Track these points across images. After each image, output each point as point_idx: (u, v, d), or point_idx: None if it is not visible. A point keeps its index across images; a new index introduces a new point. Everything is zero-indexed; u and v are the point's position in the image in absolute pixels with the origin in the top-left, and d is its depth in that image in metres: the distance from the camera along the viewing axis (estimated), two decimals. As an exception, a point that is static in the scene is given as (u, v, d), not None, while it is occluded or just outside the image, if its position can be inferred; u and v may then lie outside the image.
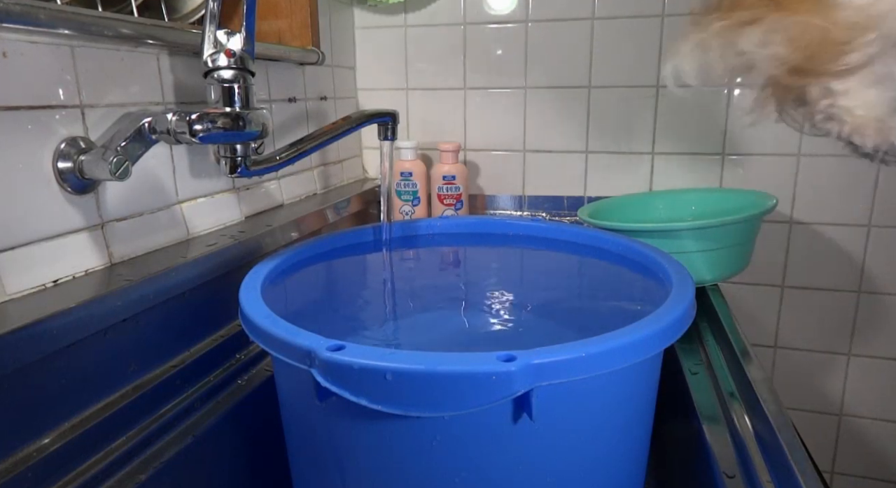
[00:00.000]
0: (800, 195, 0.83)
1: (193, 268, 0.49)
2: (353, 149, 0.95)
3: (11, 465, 0.35)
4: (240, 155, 0.44)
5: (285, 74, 0.73)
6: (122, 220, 0.48)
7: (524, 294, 0.41)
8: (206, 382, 0.50)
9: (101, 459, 0.40)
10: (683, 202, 0.84)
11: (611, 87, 0.86)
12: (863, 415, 0.88)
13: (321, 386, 0.28)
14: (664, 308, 0.34)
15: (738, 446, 0.43)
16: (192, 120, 0.41)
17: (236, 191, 0.63)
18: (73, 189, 0.43)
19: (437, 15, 0.89)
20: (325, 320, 0.37)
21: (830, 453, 0.91)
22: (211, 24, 0.41)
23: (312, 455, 0.36)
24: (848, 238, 0.83)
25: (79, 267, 0.44)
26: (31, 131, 0.40)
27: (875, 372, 0.86)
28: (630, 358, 0.30)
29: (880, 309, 0.84)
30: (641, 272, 0.44)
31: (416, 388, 0.27)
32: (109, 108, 0.46)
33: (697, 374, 0.55)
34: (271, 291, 0.40)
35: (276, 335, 0.31)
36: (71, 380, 0.39)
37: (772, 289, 0.87)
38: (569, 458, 0.32)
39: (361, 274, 0.44)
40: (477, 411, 0.28)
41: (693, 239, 0.67)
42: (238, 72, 0.42)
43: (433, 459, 0.30)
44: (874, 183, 0.80)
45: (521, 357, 0.27)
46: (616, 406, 0.33)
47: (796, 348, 0.89)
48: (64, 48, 0.43)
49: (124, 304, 0.42)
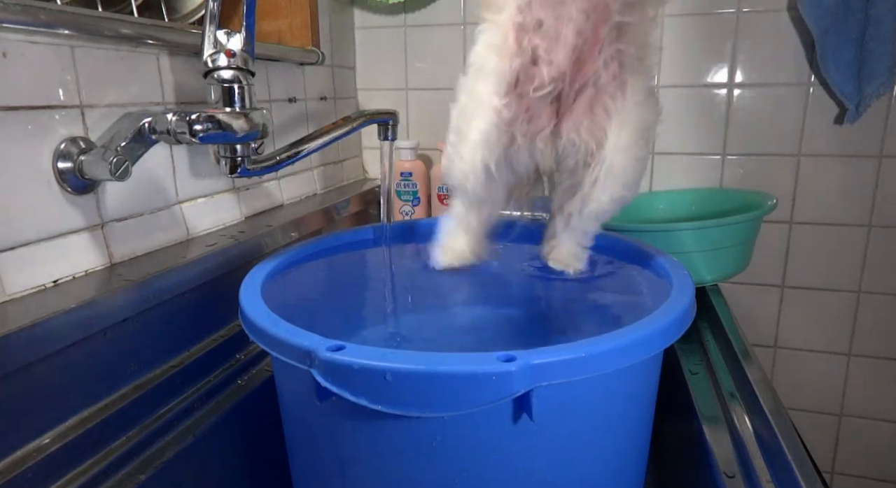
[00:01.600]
0: (800, 195, 0.83)
1: (193, 268, 0.49)
2: (353, 149, 0.95)
3: (11, 465, 0.35)
4: (240, 155, 0.44)
5: (285, 74, 0.73)
6: (122, 220, 0.48)
7: (524, 294, 0.41)
8: (206, 382, 0.50)
9: (101, 459, 0.40)
10: (683, 202, 0.84)
11: (611, 87, 0.86)
12: (863, 415, 0.88)
13: (321, 387, 0.28)
14: (664, 308, 0.34)
15: (738, 446, 0.43)
16: (192, 120, 0.41)
17: (236, 191, 0.63)
18: (73, 189, 0.43)
19: (437, 15, 0.89)
20: (325, 320, 0.37)
21: (830, 453, 0.91)
22: (211, 24, 0.41)
23: (312, 455, 0.36)
24: (848, 238, 0.83)
25: (79, 267, 0.44)
26: (31, 131, 0.40)
27: (875, 372, 0.86)
28: (630, 358, 0.30)
29: (880, 309, 0.84)
30: (641, 272, 0.44)
31: (416, 388, 0.27)
32: (109, 108, 0.46)
33: (697, 374, 0.55)
34: (271, 291, 0.40)
35: (276, 335, 0.31)
36: (71, 380, 0.39)
37: (772, 289, 0.87)
38: (569, 458, 0.32)
39: (361, 274, 0.44)
40: (477, 411, 0.28)
41: (693, 239, 0.67)
42: (238, 72, 0.42)
43: (433, 459, 0.30)
44: (874, 183, 0.80)
45: (521, 357, 0.27)
46: (616, 406, 0.33)
47: (796, 348, 0.89)
48: (64, 48, 0.43)
49: (124, 304, 0.42)
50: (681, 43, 0.82)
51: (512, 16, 0.37)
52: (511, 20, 0.37)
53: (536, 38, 0.37)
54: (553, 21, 0.36)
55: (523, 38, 0.37)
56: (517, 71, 0.37)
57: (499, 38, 0.37)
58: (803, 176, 0.82)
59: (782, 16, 0.78)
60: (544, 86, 0.37)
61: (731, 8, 0.80)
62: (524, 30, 0.37)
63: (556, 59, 0.37)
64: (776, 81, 0.80)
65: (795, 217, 0.84)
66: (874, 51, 0.73)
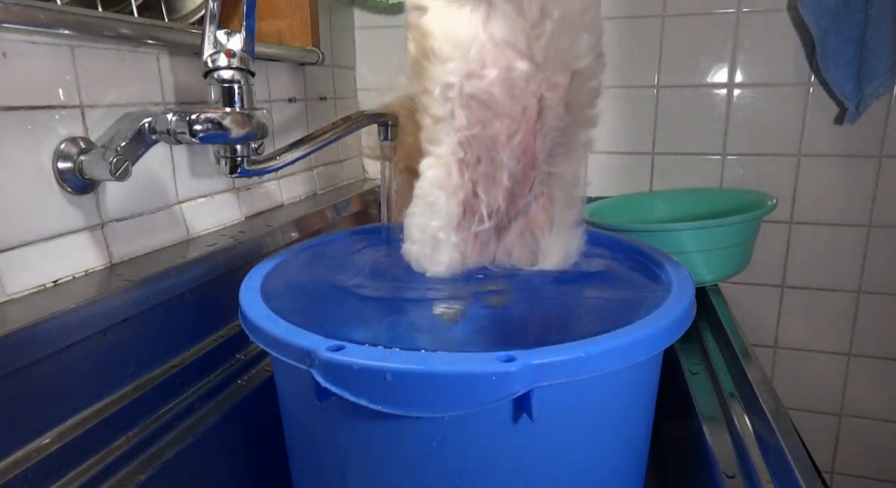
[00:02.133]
0: (800, 195, 0.83)
1: (193, 268, 0.49)
2: (353, 149, 0.95)
3: (11, 465, 0.35)
4: (240, 155, 0.44)
5: (285, 74, 0.73)
6: (122, 220, 0.48)
7: (524, 294, 0.41)
8: (206, 382, 0.50)
9: (101, 459, 0.40)
10: (683, 202, 0.84)
11: (611, 87, 0.86)
12: (863, 415, 0.88)
13: (321, 387, 0.28)
14: (664, 308, 0.34)
15: (738, 446, 0.43)
16: (192, 120, 0.41)
17: (236, 191, 0.63)
18: (73, 189, 0.43)
19: (437, 15, 0.89)
20: (324, 320, 0.37)
21: (830, 453, 0.91)
22: (211, 24, 0.41)
23: (312, 455, 0.36)
24: (848, 238, 0.83)
25: (79, 267, 0.44)
26: (31, 131, 0.40)
27: (875, 372, 0.86)
28: (630, 358, 0.30)
29: (880, 309, 0.84)
30: (641, 272, 0.44)
31: (417, 389, 0.27)
32: (109, 108, 0.46)
33: (697, 374, 0.55)
34: (271, 291, 0.40)
35: (276, 335, 0.31)
36: (71, 380, 0.39)
37: (772, 289, 0.87)
38: (569, 458, 0.32)
39: (361, 274, 0.44)
40: (477, 411, 0.28)
41: (693, 239, 0.67)
42: (238, 72, 0.42)
43: (433, 459, 0.30)
44: (874, 183, 0.80)
45: (521, 357, 0.27)
46: (616, 406, 0.33)
47: (796, 348, 0.89)
48: (64, 48, 0.43)
49: (124, 304, 0.42)
50: (681, 43, 0.82)
51: (453, 151, 0.41)
52: (453, 156, 0.41)
53: (476, 174, 0.42)
54: (488, 164, 0.42)
55: (465, 172, 0.42)
56: (463, 202, 0.42)
57: (443, 173, 0.41)
58: (803, 176, 0.82)
59: (782, 16, 0.78)
60: (484, 221, 0.43)
61: (731, 8, 0.80)
62: (465, 165, 0.41)
63: (493, 198, 0.42)
64: (776, 81, 0.80)
65: (795, 217, 0.84)
66: (874, 51, 0.73)
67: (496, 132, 0.40)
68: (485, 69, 0.39)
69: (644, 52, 0.83)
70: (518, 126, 0.41)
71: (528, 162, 0.43)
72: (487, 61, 0.39)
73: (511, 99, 0.40)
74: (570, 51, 0.39)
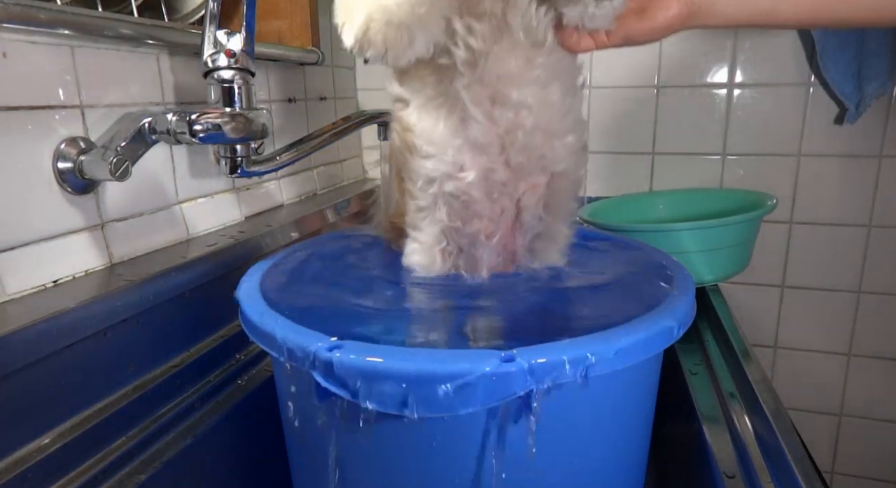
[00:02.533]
0: (800, 195, 0.83)
1: (193, 269, 0.49)
2: (353, 149, 0.95)
3: (11, 465, 0.35)
4: (240, 155, 0.44)
5: (285, 74, 0.73)
6: (122, 221, 0.48)
7: (524, 293, 0.41)
8: (206, 382, 0.50)
9: (101, 459, 0.40)
10: (683, 202, 0.84)
11: (611, 87, 0.86)
12: (863, 415, 0.88)
13: (321, 387, 0.28)
14: (664, 308, 0.34)
15: (738, 446, 0.43)
16: (192, 120, 0.41)
17: (236, 191, 0.63)
18: (73, 189, 0.43)
19: (437, 15, 0.89)
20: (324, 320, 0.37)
21: (830, 453, 0.91)
22: (211, 24, 0.41)
23: (312, 455, 0.36)
24: (848, 238, 0.83)
25: (79, 267, 0.44)
26: (31, 131, 0.40)
27: (875, 372, 0.86)
28: (630, 358, 0.30)
29: (880, 309, 0.84)
30: (641, 272, 0.44)
31: (416, 388, 0.27)
32: (109, 108, 0.46)
33: (697, 374, 0.55)
34: (271, 291, 0.40)
35: (276, 335, 0.31)
36: (71, 380, 0.39)
37: (772, 289, 0.88)
38: (569, 458, 0.32)
39: (361, 273, 0.44)
40: (477, 411, 0.28)
41: (693, 239, 0.67)
42: (238, 72, 0.42)
43: (433, 460, 0.30)
44: (874, 183, 0.80)
45: (521, 357, 0.27)
46: (616, 406, 0.33)
47: (796, 348, 0.89)
48: (64, 48, 0.43)
49: (124, 304, 0.42)
50: (681, 43, 0.82)
51: (437, 240, 0.41)
52: (436, 245, 0.42)
53: (460, 262, 0.43)
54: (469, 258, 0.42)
55: (448, 260, 0.42)
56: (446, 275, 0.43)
57: (427, 261, 0.42)
58: (803, 176, 0.82)
59: (782, 16, 0.78)
60: None
61: (731, 8, 0.79)
62: (448, 254, 0.42)
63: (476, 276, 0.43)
64: (776, 81, 0.80)
65: (795, 217, 0.84)
66: (874, 51, 0.73)
67: (476, 230, 0.41)
68: (462, 172, 0.39)
69: (644, 52, 0.83)
70: (497, 226, 0.41)
71: (507, 256, 0.43)
72: (466, 164, 0.39)
73: (490, 202, 0.40)
74: (548, 156, 0.39)
